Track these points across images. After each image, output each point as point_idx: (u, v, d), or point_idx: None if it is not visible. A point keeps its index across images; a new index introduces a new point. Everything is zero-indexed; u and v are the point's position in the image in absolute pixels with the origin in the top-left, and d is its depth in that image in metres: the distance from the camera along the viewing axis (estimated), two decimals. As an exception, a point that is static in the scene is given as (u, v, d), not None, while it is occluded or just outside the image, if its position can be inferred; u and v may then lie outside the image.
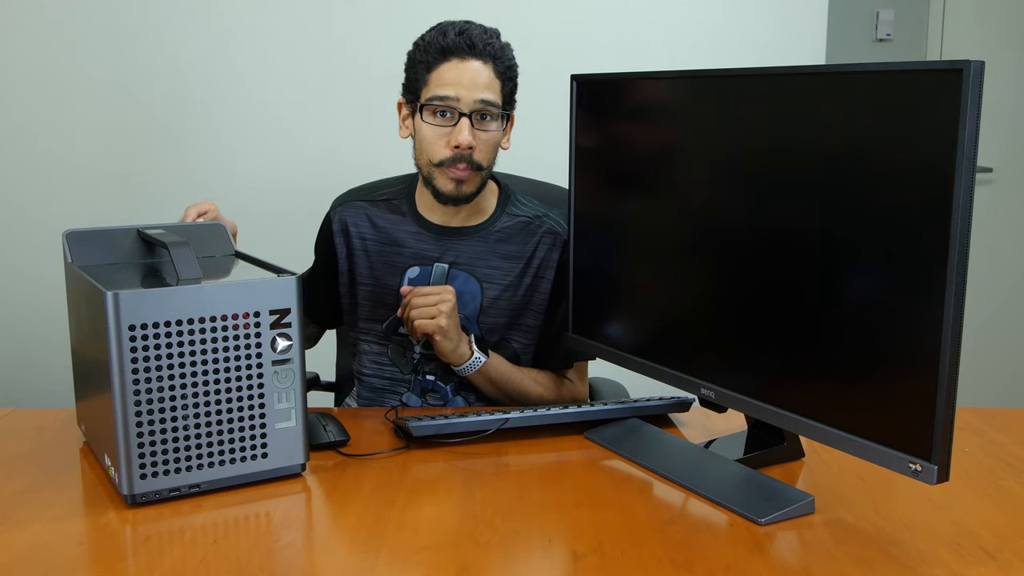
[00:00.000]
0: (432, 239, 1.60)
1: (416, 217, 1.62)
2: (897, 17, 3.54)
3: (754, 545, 1.06)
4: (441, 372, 1.61)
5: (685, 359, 1.34)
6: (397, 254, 1.61)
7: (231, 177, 2.42)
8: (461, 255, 1.60)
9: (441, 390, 1.62)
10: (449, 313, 1.47)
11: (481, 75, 1.49)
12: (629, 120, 1.42)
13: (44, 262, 2.15)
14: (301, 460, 1.24)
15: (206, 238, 1.41)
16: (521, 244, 1.61)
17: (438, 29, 1.51)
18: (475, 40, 1.48)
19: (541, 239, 1.61)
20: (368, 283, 1.63)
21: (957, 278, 0.97)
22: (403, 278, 1.60)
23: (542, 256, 1.61)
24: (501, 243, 1.60)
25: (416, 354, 1.62)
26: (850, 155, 1.08)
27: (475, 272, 1.59)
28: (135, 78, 2.38)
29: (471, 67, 1.49)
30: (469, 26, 1.50)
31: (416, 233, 1.61)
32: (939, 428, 1.00)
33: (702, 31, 2.41)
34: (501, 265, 1.60)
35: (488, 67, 1.50)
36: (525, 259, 1.61)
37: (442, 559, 1.03)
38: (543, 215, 1.63)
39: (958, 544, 1.07)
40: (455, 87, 1.48)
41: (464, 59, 1.48)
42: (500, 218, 1.62)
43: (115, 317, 1.10)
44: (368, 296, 1.63)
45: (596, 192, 1.47)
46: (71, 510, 1.16)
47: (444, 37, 1.49)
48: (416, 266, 1.60)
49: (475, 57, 1.49)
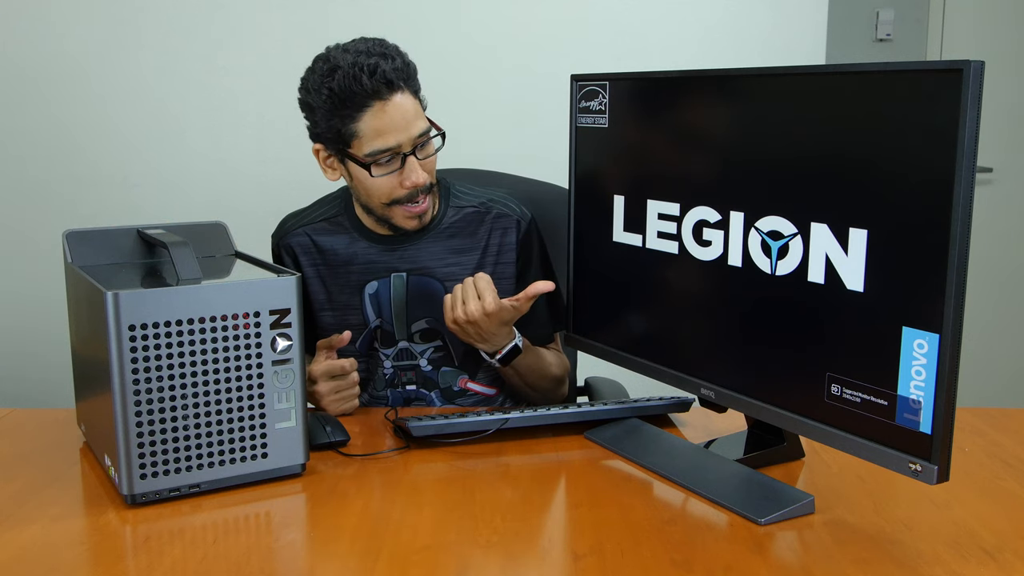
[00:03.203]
0: (383, 250, 1.57)
1: (362, 231, 1.58)
2: (897, 17, 3.54)
3: (754, 545, 1.06)
4: (423, 380, 1.60)
5: (685, 359, 1.34)
6: (351, 273, 1.58)
7: (231, 177, 2.42)
8: (416, 260, 1.57)
9: (425, 397, 1.61)
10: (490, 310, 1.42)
11: (407, 108, 1.43)
12: (629, 120, 1.42)
13: (44, 262, 2.15)
14: (301, 460, 1.24)
15: (206, 238, 1.41)
16: (472, 235, 1.59)
17: (344, 75, 1.39)
18: (389, 75, 1.40)
19: (492, 225, 1.59)
20: (328, 308, 1.60)
21: (957, 278, 0.97)
22: (363, 295, 1.58)
23: (497, 242, 1.59)
24: (452, 238, 1.58)
25: (387, 370, 1.60)
26: (850, 155, 1.08)
27: (434, 274, 1.57)
28: (135, 78, 2.38)
29: (395, 104, 1.41)
30: (374, 60, 1.40)
31: (366, 247, 1.58)
32: (939, 428, 1.00)
33: (702, 31, 2.41)
34: (458, 260, 1.58)
35: (407, 94, 1.43)
36: (480, 248, 1.59)
37: (442, 559, 1.03)
38: (488, 200, 1.61)
39: (958, 544, 1.07)
40: (394, 134, 1.42)
41: (385, 99, 1.41)
42: (446, 213, 1.59)
43: (115, 317, 1.10)
44: (332, 320, 1.59)
45: (596, 192, 1.47)
46: (71, 510, 1.16)
47: (358, 84, 1.39)
48: (373, 280, 1.57)
49: (393, 92, 1.41)
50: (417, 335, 1.59)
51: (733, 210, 1.22)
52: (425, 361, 1.60)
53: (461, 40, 2.39)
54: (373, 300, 1.57)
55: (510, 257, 1.60)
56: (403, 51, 1.47)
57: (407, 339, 1.59)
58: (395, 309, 1.58)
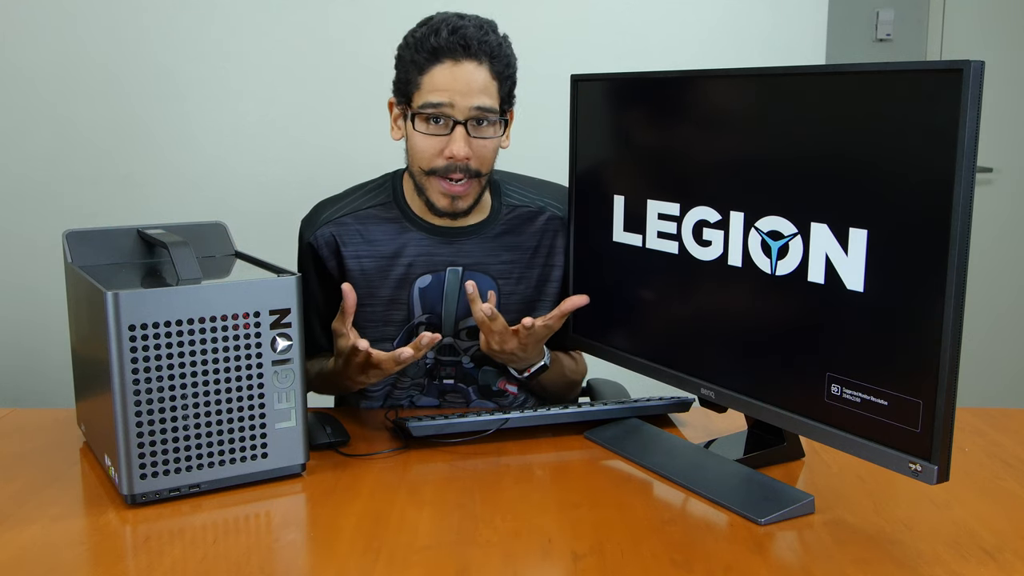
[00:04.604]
0: (440, 243, 1.52)
1: (414, 221, 1.53)
2: (897, 17, 3.54)
3: (754, 545, 1.06)
4: (462, 376, 1.58)
5: (685, 359, 1.34)
6: (401, 265, 1.52)
7: (231, 177, 2.42)
8: (471, 255, 1.54)
9: (463, 391, 1.59)
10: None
11: (476, 78, 1.40)
12: (629, 120, 1.42)
13: (44, 262, 2.15)
14: (301, 460, 1.24)
15: (206, 238, 1.41)
16: (524, 234, 1.57)
17: (430, 26, 1.41)
18: (469, 40, 1.38)
19: (545, 226, 1.58)
20: (368, 303, 1.52)
21: (957, 278, 0.97)
22: (412, 288, 1.52)
23: (548, 244, 1.58)
24: (506, 235, 1.56)
25: (428, 360, 1.57)
26: (850, 155, 1.08)
27: (488, 270, 1.54)
28: (135, 78, 2.38)
29: (465, 70, 1.39)
30: (463, 22, 1.40)
31: (419, 239, 1.52)
32: (939, 428, 1.00)
33: (702, 31, 2.41)
34: (510, 258, 1.56)
35: (484, 68, 1.40)
36: (531, 248, 1.57)
37: (442, 559, 1.03)
38: (541, 202, 1.60)
39: (958, 544, 1.07)
40: (449, 93, 1.39)
41: (458, 61, 1.39)
42: (500, 211, 1.57)
43: (115, 317, 1.10)
44: (370, 317, 1.53)
45: (596, 192, 1.47)
46: (71, 510, 1.16)
47: (436, 36, 1.38)
48: (427, 274, 1.52)
49: (470, 58, 1.39)
50: (464, 332, 1.56)
51: (733, 210, 1.22)
52: (468, 359, 1.57)
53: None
54: (423, 295, 1.53)
55: (559, 259, 1.59)
56: (509, 40, 1.47)
57: (453, 335, 1.56)
58: (447, 305, 1.54)
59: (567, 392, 1.67)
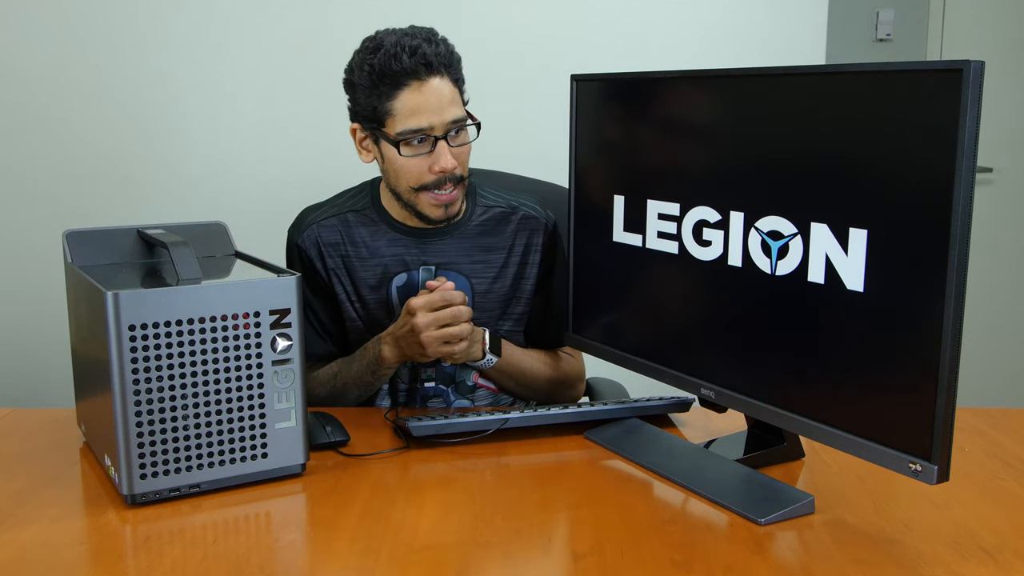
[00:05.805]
0: (412, 243, 1.57)
1: (390, 224, 1.58)
2: (897, 17, 3.54)
3: (754, 545, 1.06)
4: (442, 376, 1.60)
5: (685, 359, 1.34)
6: (378, 265, 1.57)
7: (231, 177, 2.42)
8: (444, 255, 1.58)
9: (443, 393, 1.61)
10: (470, 331, 1.44)
11: (444, 92, 1.44)
12: (629, 120, 1.42)
13: (44, 262, 2.15)
14: (301, 460, 1.24)
15: (206, 238, 1.41)
16: (499, 234, 1.60)
17: (384, 52, 1.42)
18: (429, 57, 1.42)
19: (519, 226, 1.61)
20: (355, 300, 1.59)
21: (957, 278, 0.97)
22: (390, 287, 1.57)
23: (523, 243, 1.61)
24: (480, 236, 1.60)
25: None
26: (850, 155, 1.08)
27: (461, 269, 1.58)
28: (135, 78, 2.38)
29: (432, 87, 1.43)
30: (417, 41, 1.43)
31: (394, 239, 1.57)
32: (939, 428, 1.00)
33: (702, 31, 2.41)
34: (484, 258, 1.59)
35: (446, 79, 1.45)
36: (506, 248, 1.60)
37: (442, 559, 1.03)
38: (515, 202, 1.63)
39: (958, 544, 1.07)
40: (427, 115, 1.43)
41: (423, 80, 1.42)
42: (474, 212, 1.61)
43: (115, 317, 1.10)
44: (356, 314, 1.59)
45: (596, 192, 1.47)
46: (71, 510, 1.16)
47: (397, 61, 1.41)
48: (402, 273, 1.57)
49: (432, 74, 1.43)
50: None
51: (733, 210, 1.22)
52: None
53: (461, 40, 2.36)
54: (401, 292, 1.57)
55: (535, 259, 1.62)
56: (450, 42, 1.49)
57: None
58: None
59: (554, 391, 1.66)
